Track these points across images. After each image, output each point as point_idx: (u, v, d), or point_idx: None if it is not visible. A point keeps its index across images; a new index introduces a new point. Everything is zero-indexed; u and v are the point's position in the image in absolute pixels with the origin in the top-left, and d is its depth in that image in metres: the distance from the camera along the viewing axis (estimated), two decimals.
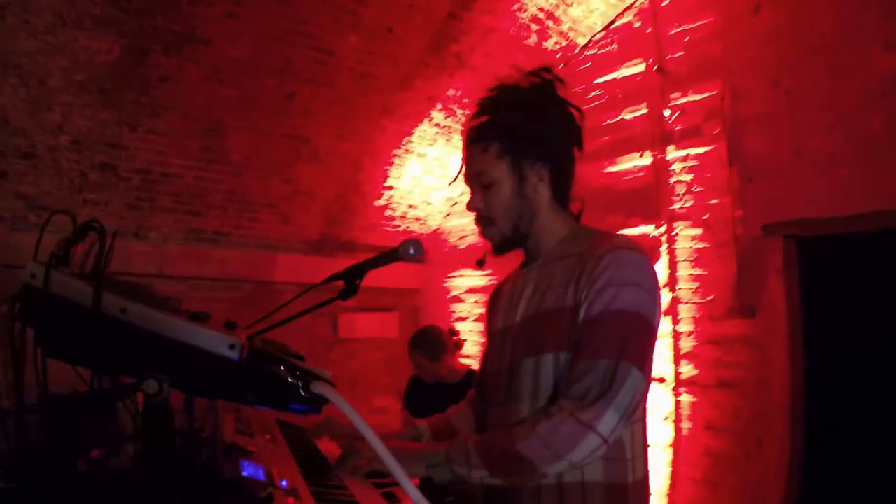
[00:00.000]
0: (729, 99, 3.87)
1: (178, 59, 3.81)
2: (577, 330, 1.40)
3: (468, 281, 5.44)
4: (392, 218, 5.34)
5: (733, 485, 3.71)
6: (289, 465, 1.58)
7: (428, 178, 5.24)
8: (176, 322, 1.08)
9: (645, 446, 1.51)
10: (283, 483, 1.36)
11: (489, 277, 5.17)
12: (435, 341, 3.61)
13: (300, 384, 1.15)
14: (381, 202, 5.25)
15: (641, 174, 4.38)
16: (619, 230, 4.50)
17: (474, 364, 3.88)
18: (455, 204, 5.49)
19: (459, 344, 3.77)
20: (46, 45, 3.27)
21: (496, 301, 1.69)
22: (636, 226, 4.39)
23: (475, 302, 5.37)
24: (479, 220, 1.57)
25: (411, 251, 1.56)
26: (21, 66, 3.27)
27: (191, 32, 3.74)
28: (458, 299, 5.51)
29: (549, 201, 1.56)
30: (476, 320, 5.29)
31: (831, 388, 3.42)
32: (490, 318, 1.71)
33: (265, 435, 1.75)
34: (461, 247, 5.57)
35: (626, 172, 4.47)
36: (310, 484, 1.45)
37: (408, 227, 5.55)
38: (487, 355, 1.68)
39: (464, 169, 1.58)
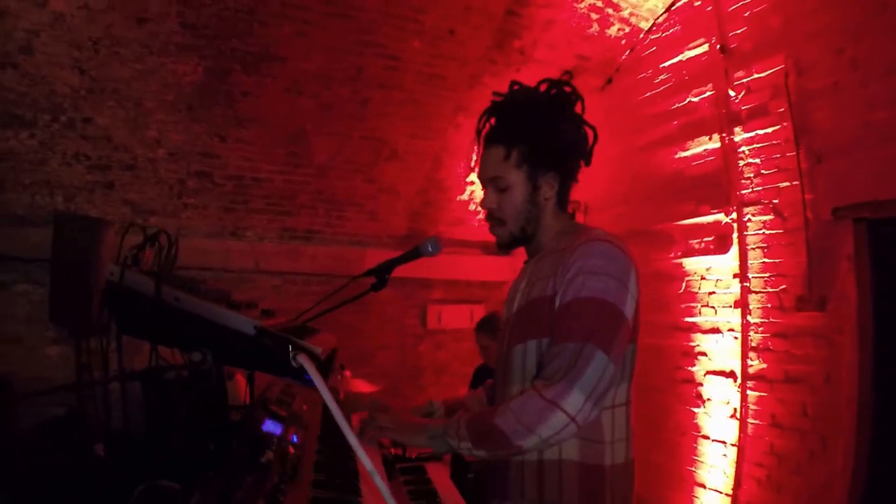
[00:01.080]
0: (793, 73, 3.60)
1: (256, 75, 4.26)
2: (553, 317, 1.51)
3: None
4: (478, 212, 5.48)
5: (797, 487, 3.47)
6: (312, 429, 1.90)
7: None
8: (212, 307, 1.39)
9: (630, 432, 1.58)
10: (294, 438, 1.65)
11: None
12: (497, 323, 3.75)
13: (291, 356, 1.32)
14: (464, 197, 5.42)
15: (711, 158, 4.18)
16: (690, 219, 4.35)
17: None
18: None
19: None
20: (137, 72, 3.84)
21: (508, 296, 1.83)
22: (707, 214, 4.20)
23: None
24: (490, 219, 1.70)
25: (430, 248, 1.81)
26: (118, 91, 3.86)
27: (265, 51, 4.17)
28: None
29: (554, 206, 1.68)
30: None
31: None
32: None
33: (304, 405, 2.07)
34: None
35: (696, 157, 4.28)
36: (319, 443, 1.76)
37: None
38: (499, 343, 1.82)
39: (479, 168, 1.71)
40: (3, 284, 4.04)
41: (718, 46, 4.01)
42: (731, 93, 3.97)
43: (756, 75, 3.81)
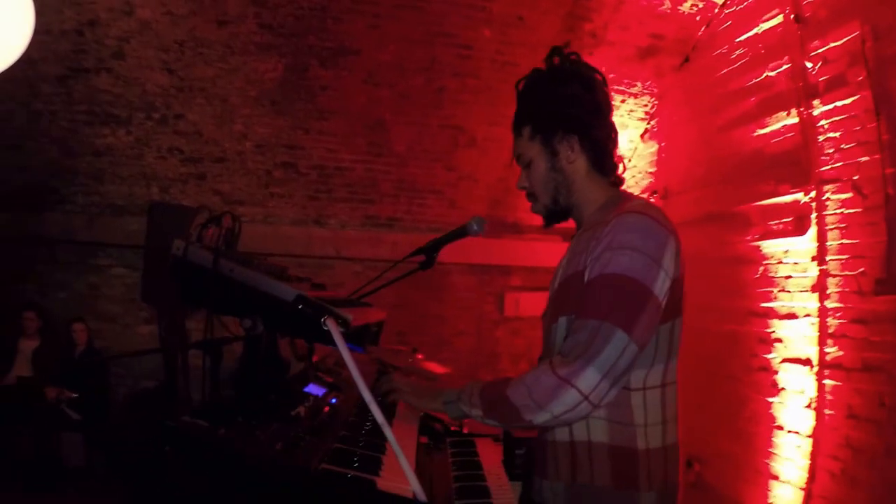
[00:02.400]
0: (870, 39, 3.35)
1: (334, 69, 4.53)
2: (580, 294, 1.48)
3: None
4: None
5: (872, 482, 3.23)
6: (353, 397, 1.87)
7: None
8: (260, 276, 1.54)
9: (669, 416, 1.53)
10: (333, 401, 1.75)
11: None
12: None
13: (322, 321, 1.42)
14: None
15: (790, 135, 3.95)
16: (768, 200, 4.13)
17: None
18: None
19: None
20: (222, 71, 4.21)
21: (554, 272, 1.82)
22: (785, 194, 3.98)
23: None
24: (528, 198, 1.70)
25: (475, 227, 1.94)
26: (205, 89, 4.25)
27: (340, 46, 4.42)
28: None
29: (586, 171, 1.63)
30: None
31: None
32: None
33: None
34: None
35: (774, 134, 4.06)
36: (358, 409, 1.76)
37: None
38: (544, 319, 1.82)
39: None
40: (102, 269, 4.58)
41: (793, 16, 3.79)
42: (808, 64, 3.75)
43: (832, 44, 3.58)
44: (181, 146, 4.56)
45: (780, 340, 4.01)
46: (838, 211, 3.63)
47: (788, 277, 3.98)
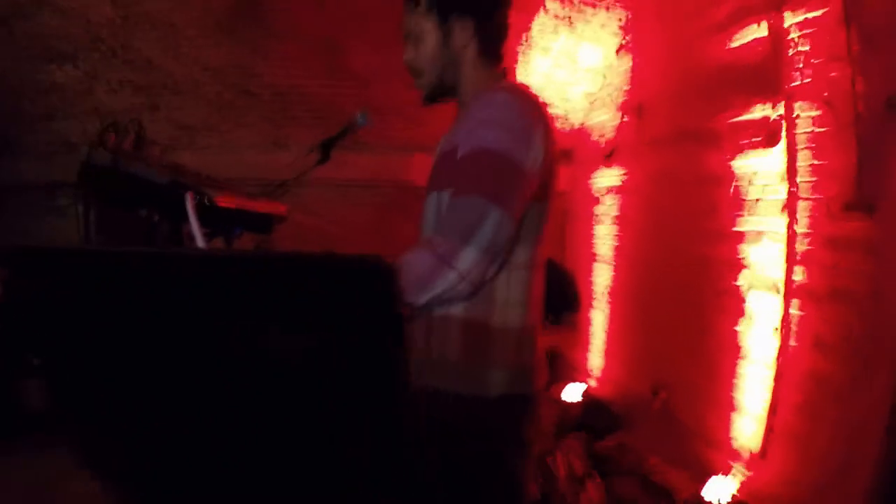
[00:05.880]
0: None
1: None
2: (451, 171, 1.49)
3: (607, 180, 5.18)
4: None
5: (837, 418, 3.17)
6: None
7: (560, 73, 5.03)
8: (146, 168, 1.60)
9: (530, 299, 1.55)
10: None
11: (623, 175, 4.87)
12: None
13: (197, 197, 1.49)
14: None
15: (760, 48, 3.72)
16: (738, 117, 3.94)
17: None
18: (595, 101, 5.19)
19: None
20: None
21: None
22: (755, 109, 3.79)
23: (611, 205, 5.12)
24: (412, 73, 1.72)
25: (360, 120, 2.04)
26: (151, 17, 4.03)
27: None
28: (597, 200, 5.29)
29: (475, 56, 1.63)
30: (612, 223, 5.06)
31: None
32: None
33: None
34: (602, 144, 5.28)
35: (745, 47, 3.83)
36: None
37: None
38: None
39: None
40: (62, 209, 4.44)
41: None
42: None
43: None
44: (132, 78, 4.35)
45: (748, 265, 3.91)
46: (809, 129, 3.45)
47: (758, 199, 3.83)
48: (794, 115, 3.53)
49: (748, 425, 3.77)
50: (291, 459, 0.86)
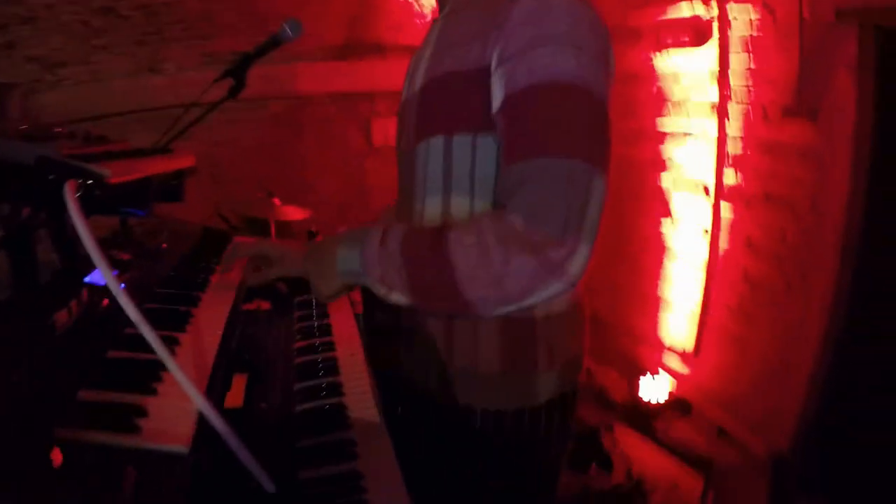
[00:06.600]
0: None
1: None
2: (496, 111, 1.03)
3: None
4: (423, 15, 4.77)
5: (771, 319, 3.34)
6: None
7: None
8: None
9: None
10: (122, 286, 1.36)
11: None
12: None
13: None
14: None
15: None
16: (666, 15, 3.74)
17: None
18: None
19: None
20: None
21: (408, 68, 1.33)
22: (683, 7, 3.62)
23: None
24: None
25: (289, 32, 1.73)
26: None
27: None
28: None
29: None
30: None
31: (893, 218, 2.81)
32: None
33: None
34: None
35: None
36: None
37: None
38: (397, 136, 1.35)
39: None
40: None
41: None
42: None
43: None
44: None
45: (675, 165, 3.89)
46: (747, 33, 3.34)
47: (686, 99, 3.75)
48: (729, 17, 3.39)
49: (679, 324, 3.92)
50: None
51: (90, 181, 1.10)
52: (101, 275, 1.10)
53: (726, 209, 3.58)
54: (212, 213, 3.59)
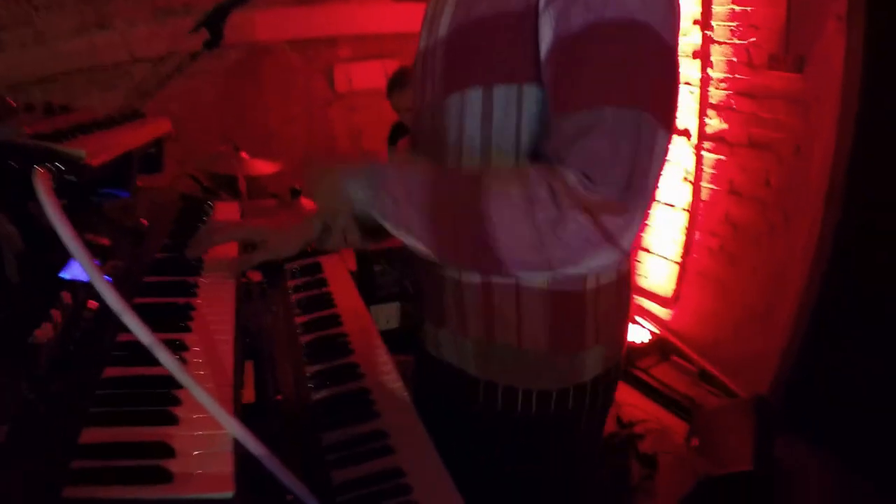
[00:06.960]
0: None
1: None
2: (545, 55, 0.91)
3: None
4: None
5: (753, 261, 3.39)
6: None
7: None
8: None
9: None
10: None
11: None
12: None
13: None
14: None
15: None
16: None
17: None
18: None
19: None
20: None
21: (425, 14, 1.18)
22: None
23: None
24: None
25: None
26: None
27: None
28: None
29: None
30: None
31: (878, 168, 2.83)
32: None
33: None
34: None
35: None
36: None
37: None
38: (413, 88, 1.21)
39: None
40: None
41: None
42: None
43: None
44: None
45: None
46: None
47: None
48: None
49: (660, 266, 3.97)
50: None
51: (63, 167, 0.95)
52: (78, 268, 0.94)
53: (709, 154, 3.57)
54: (178, 173, 3.41)
